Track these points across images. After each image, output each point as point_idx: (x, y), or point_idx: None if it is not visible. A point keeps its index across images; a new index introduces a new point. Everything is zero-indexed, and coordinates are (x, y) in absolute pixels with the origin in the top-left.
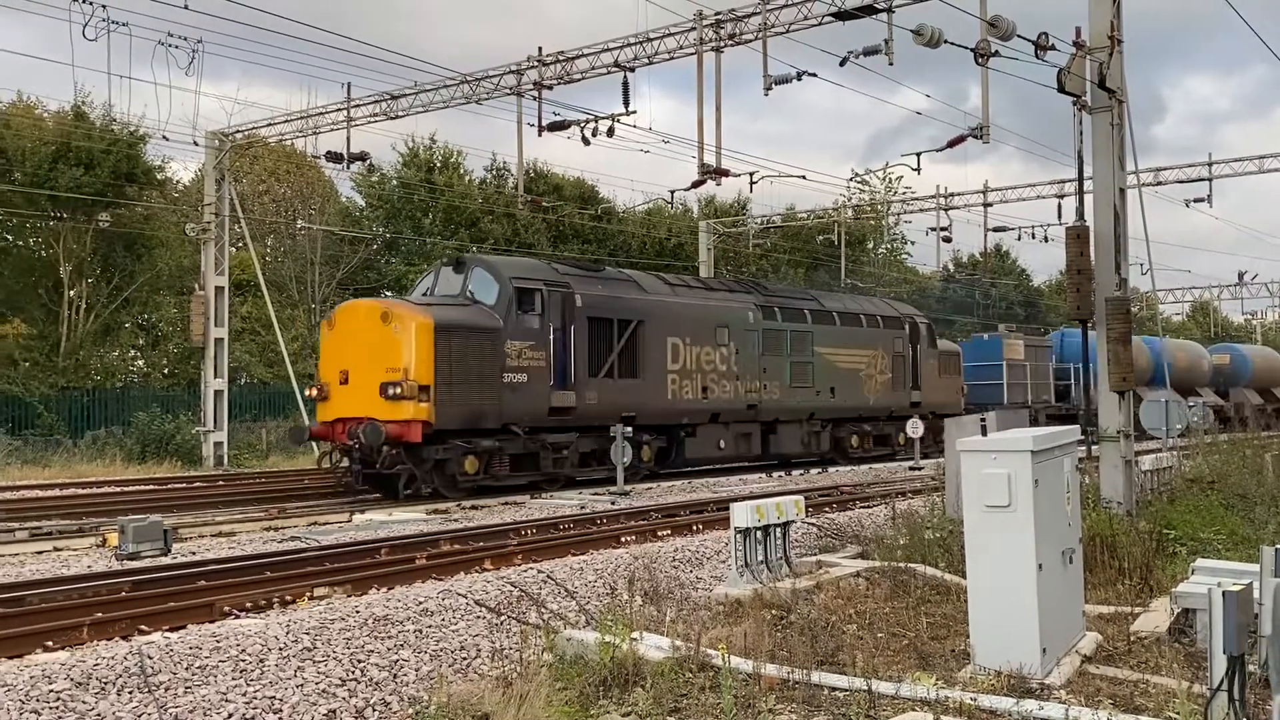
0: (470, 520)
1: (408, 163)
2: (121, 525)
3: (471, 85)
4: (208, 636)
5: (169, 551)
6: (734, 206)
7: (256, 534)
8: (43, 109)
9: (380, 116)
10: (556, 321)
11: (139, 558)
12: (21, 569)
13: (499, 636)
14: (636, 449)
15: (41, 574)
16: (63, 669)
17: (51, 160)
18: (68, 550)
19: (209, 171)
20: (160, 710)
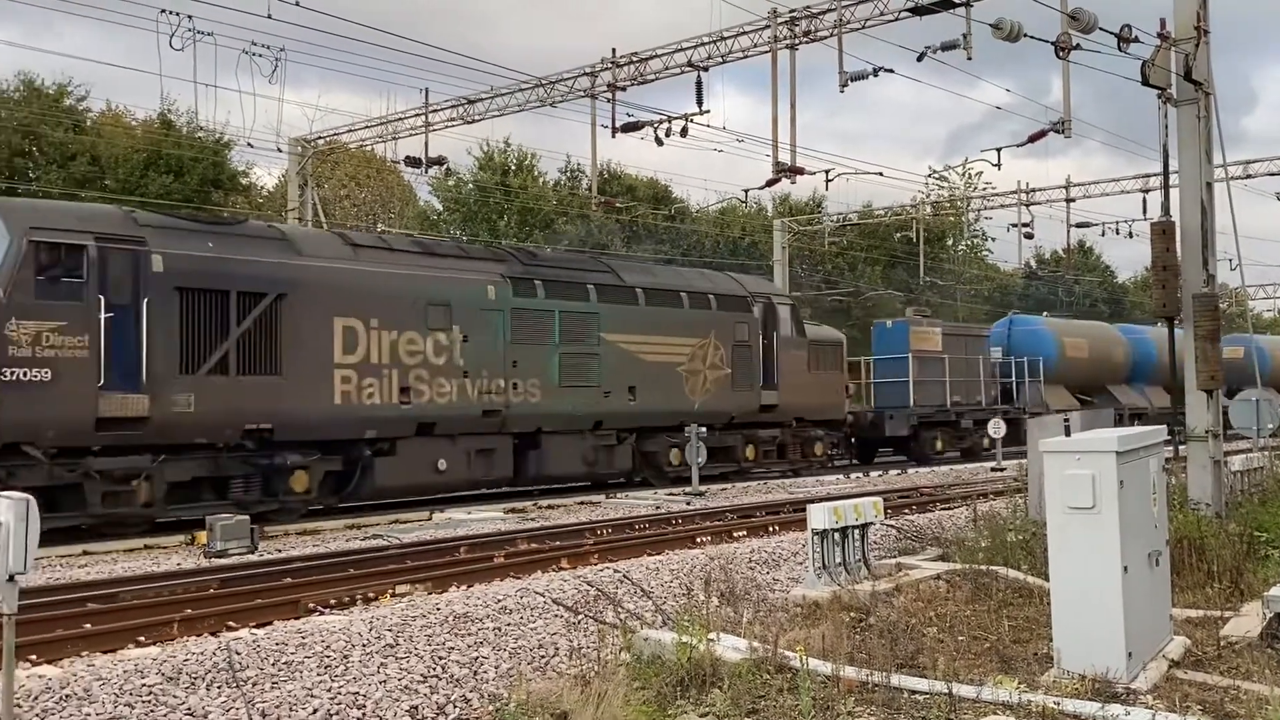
0: (546, 520)
1: (483, 166)
2: (210, 524)
3: (546, 88)
4: (293, 633)
5: (255, 549)
6: (809, 204)
7: (340, 532)
8: (132, 117)
9: (457, 121)
10: (116, 292)
11: (226, 555)
12: (114, 566)
13: (576, 635)
14: (278, 474)
15: (133, 571)
16: (154, 664)
17: (142, 167)
18: (158, 548)
19: (292, 177)
20: (248, 705)
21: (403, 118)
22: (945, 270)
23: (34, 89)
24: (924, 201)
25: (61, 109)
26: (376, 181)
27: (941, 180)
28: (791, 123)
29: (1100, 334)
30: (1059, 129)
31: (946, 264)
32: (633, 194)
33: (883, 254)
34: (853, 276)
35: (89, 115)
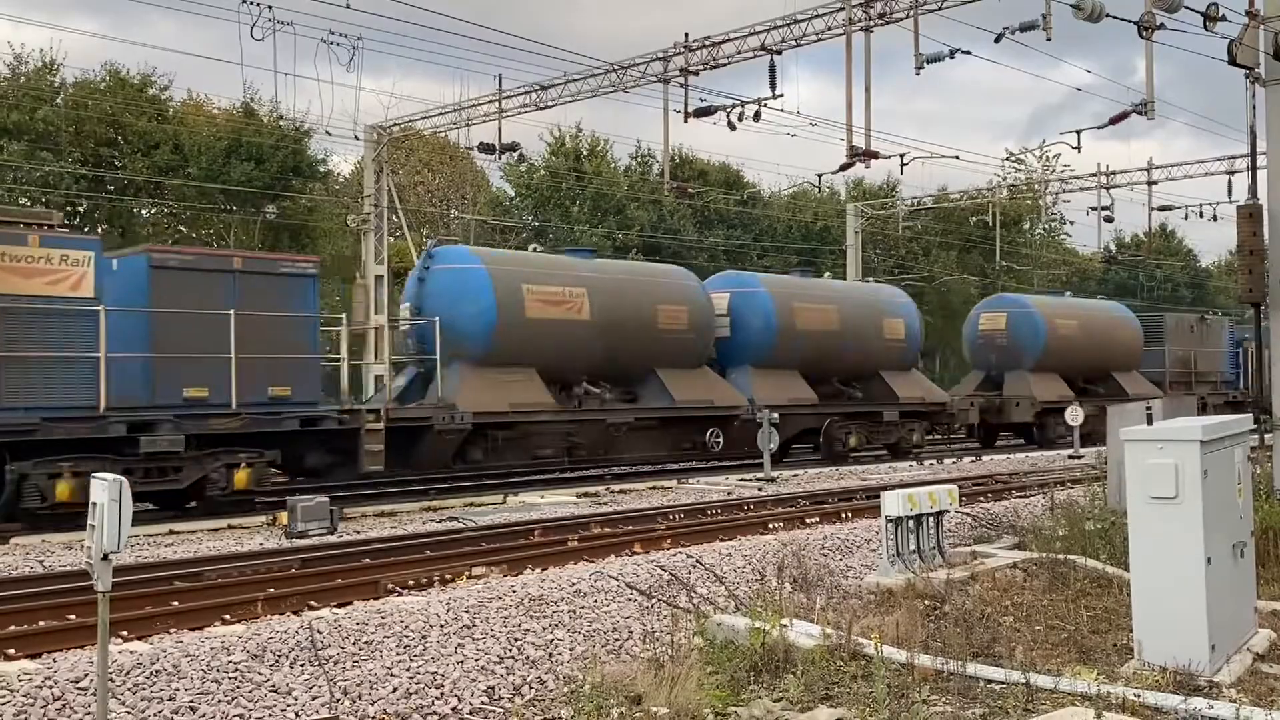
0: (619, 504)
1: (555, 151)
2: (291, 505)
3: (619, 74)
4: (373, 613)
5: (335, 530)
6: (883, 189)
7: (416, 514)
8: (214, 106)
9: (530, 107)
10: None
11: (307, 536)
12: (199, 545)
13: (649, 619)
14: None
15: (217, 551)
16: (240, 641)
17: (224, 156)
18: (240, 528)
19: (368, 164)
20: (330, 683)
21: (476, 104)
22: (1022, 255)
23: (120, 79)
24: (1000, 185)
25: (146, 99)
26: (449, 168)
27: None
28: (866, 106)
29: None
30: (1141, 110)
31: (1023, 248)
32: (705, 179)
33: (958, 238)
34: (927, 261)
35: (172, 105)
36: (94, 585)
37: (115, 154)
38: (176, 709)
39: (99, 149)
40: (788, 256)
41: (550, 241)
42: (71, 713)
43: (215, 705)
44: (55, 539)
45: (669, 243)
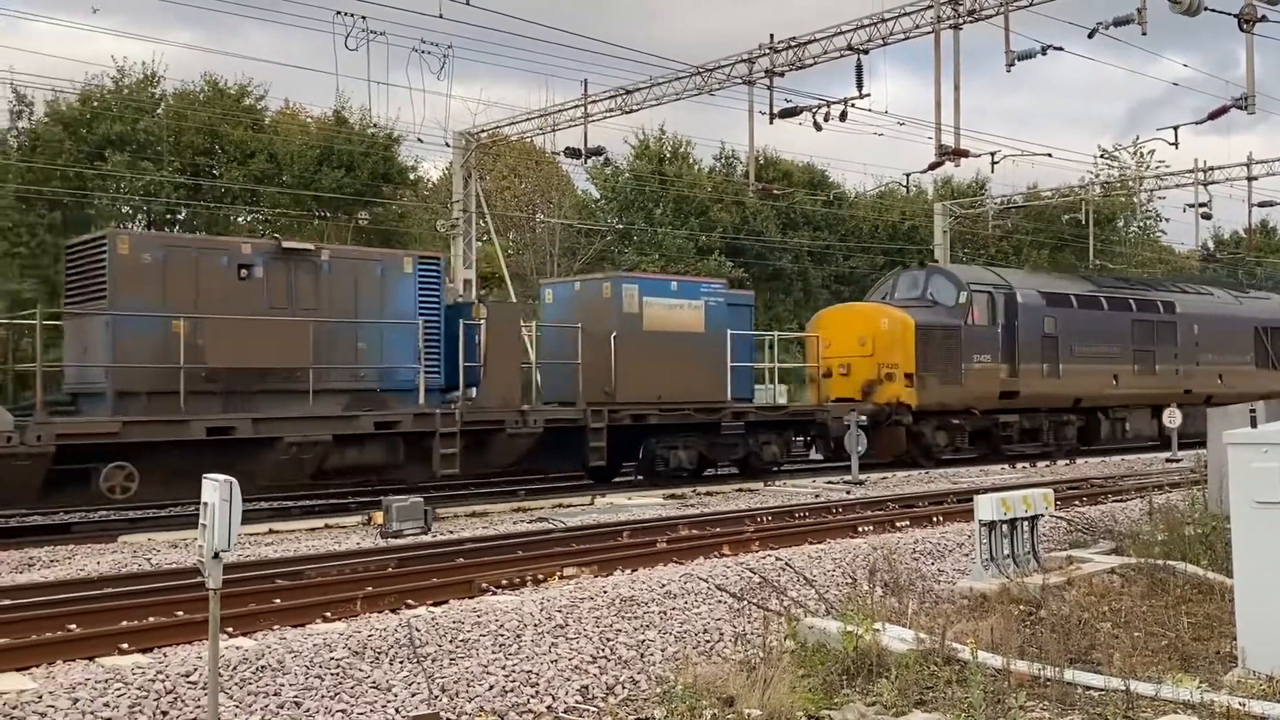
0: (706, 506)
1: (639, 154)
2: (386, 505)
3: (703, 76)
4: (469, 611)
5: (429, 530)
6: (972, 187)
7: (507, 514)
8: (307, 115)
9: (615, 111)
10: None
11: (402, 535)
12: (299, 544)
13: (740, 621)
14: None
15: (316, 550)
16: (340, 638)
17: (316, 163)
18: (338, 528)
19: (457, 170)
20: (428, 680)
21: (562, 109)
22: (1115, 253)
23: (218, 90)
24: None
25: (242, 109)
26: (535, 173)
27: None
28: (955, 104)
29: None
30: (1242, 105)
31: (1117, 246)
32: (789, 180)
33: (1049, 237)
34: (1018, 260)
35: (267, 114)
36: (205, 582)
37: (212, 163)
38: (282, 704)
39: (197, 158)
40: (874, 257)
41: (634, 245)
42: (182, 706)
43: (319, 701)
44: (160, 537)
45: (752, 244)
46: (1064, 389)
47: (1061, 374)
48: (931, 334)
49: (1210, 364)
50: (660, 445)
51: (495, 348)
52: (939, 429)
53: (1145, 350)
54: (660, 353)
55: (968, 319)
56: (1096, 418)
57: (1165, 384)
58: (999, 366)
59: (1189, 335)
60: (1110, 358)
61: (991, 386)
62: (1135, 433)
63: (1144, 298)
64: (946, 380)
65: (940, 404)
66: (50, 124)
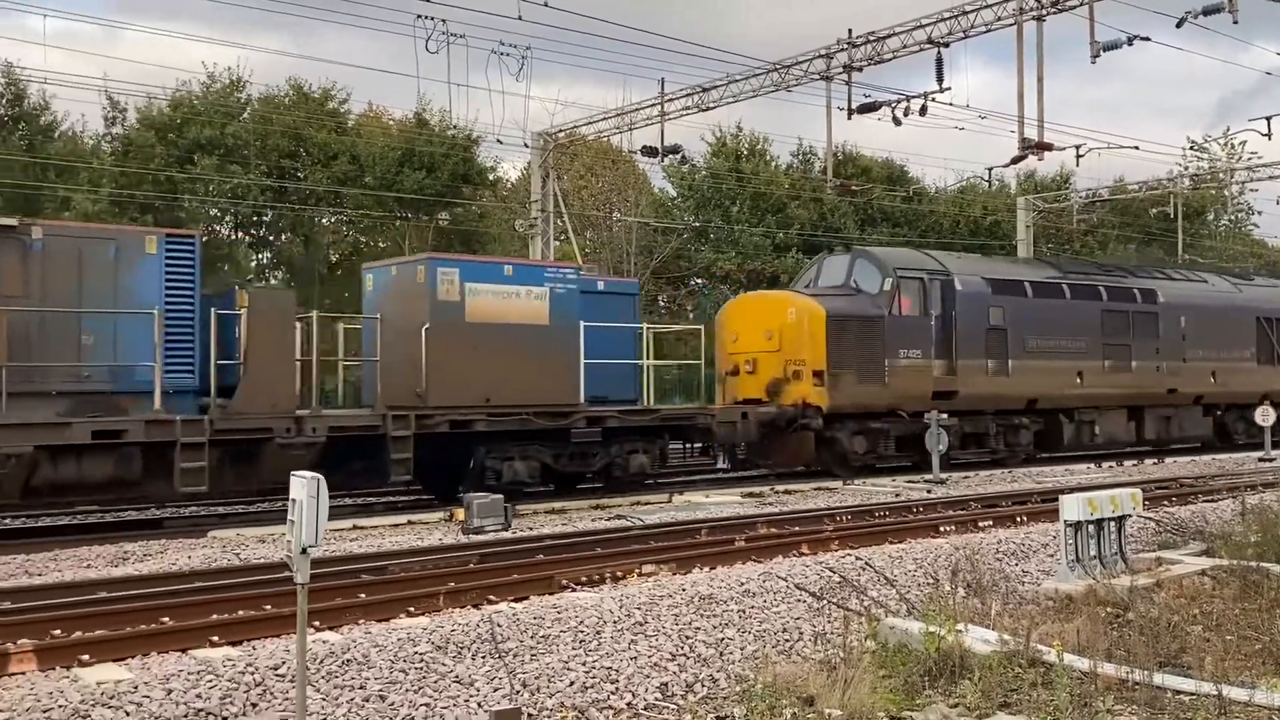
0: (784, 504)
1: (716, 152)
2: (467, 501)
3: (781, 73)
4: (549, 608)
5: (509, 527)
6: (1055, 181)
7: (585, 512)
8: (389, 118)
9: (692, 109)
10: None
11: (483, 532)
12: (382, 541)
13: (820, 621)
14: None
15: (399, 545)
16: (424, 633)
17: (398, 165)
18: (420, 524)
19: (535, 170)
20: (510, 675)
21: (639, 108)
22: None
23: (302, 94)
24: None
25: (326, 112)
26: (612, 171)
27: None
28: (1038, 96)
29: None
30: None
31: (1206, 240)
32: (868, 175)
33: (1136, 231)
34: (1103, 255)
35: (350, 117)
36: (293, 577)
37: (297, 165)
38: (367, 697)
39: (282, 161)
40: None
41: (711, 242)
42: (271, 698)
43: (403, 694)
44: (249, 533)
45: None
46: (1015, 388)
47: (1011, 371)
48: (847, 326)
49: (1201, 359)
50: (491, 456)
51: (260, 343)
52: (857, 434)
53: (1118, 344)
54: (489, 348)
55: (892, 309)
56: (1057, 420)
57: (1143, 382)
58: (932, 363)
59: (1174, 327)
60: (1073, 353)
61: (922, 386)
62: (1107, 437)
63: (1118, 285)
64: (866, 378)
65: (858, 405)
66: (142, 129)
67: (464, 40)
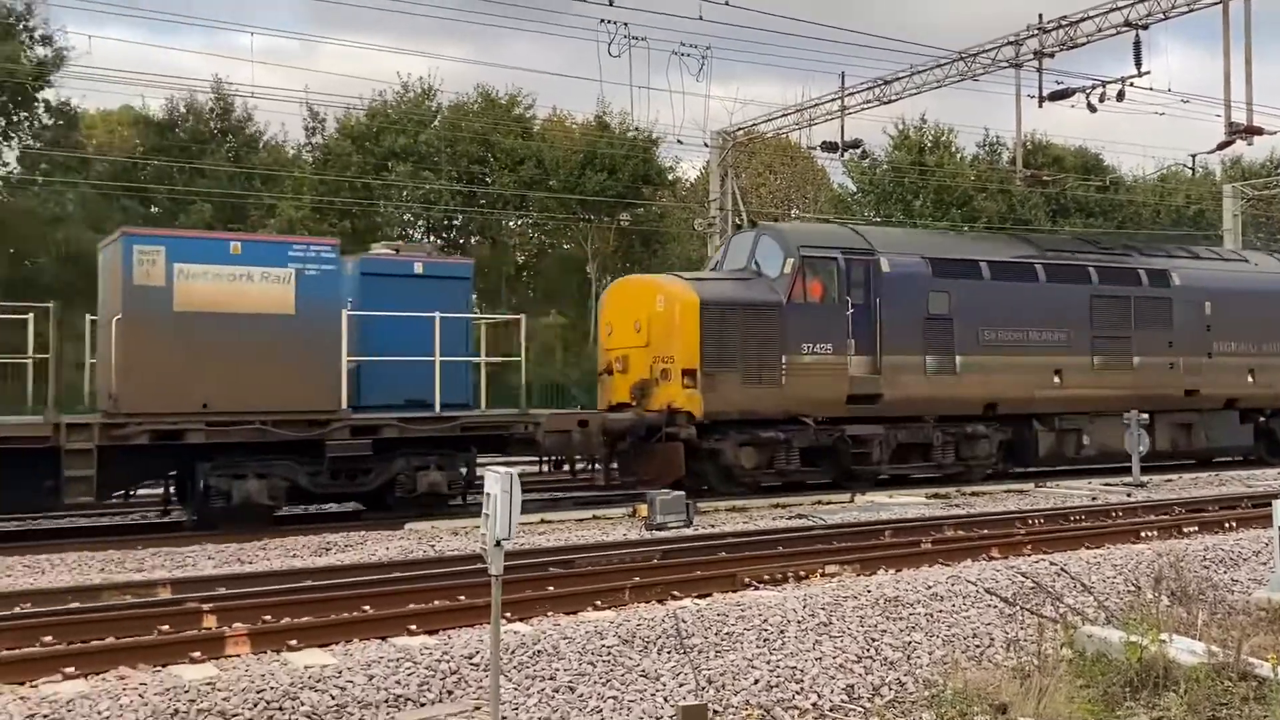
0: (972, 506)
1: (898, 145)
2: (650, 498)
3: (966, 62)
4: (732, 605)
5: (691, 524)
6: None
7: (766, 511)
8: (571, 121)
9: (873, 102)
10: None
11: (665, 528)
12: (569, 535)
13: (1012, 627)
14: None
15: (585, 540)
16: (611, 626)
17: (580, 168)
18: (604, 519)
19: (714, 169)
20: (695, 671)
21: (818, 103)
22: None
23: (490, 100)
24: None
25: (512, 118)
26: (790, 168)
27: None
28: (1247, 78)
29: None
30: None
31: None
32: (1059, 165)
33: None
34: None
35: (535, 122)
36: (488, 569)
37: (485, 170)
38: (557, 688)
39: (471, 166)
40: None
41: None
42: (466, 686)
43: (592, 686)
44: (443, 525)
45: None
46: (964, 390)
47: (960, 369)
48: (729, 315)
49: (1234, 354)
50: (219, 473)
51: None
52: (745, 446)
53: (1114, 336)
54: (207, 343)
55: (793, 294)
56: (1029, 428)
57: (1149, 382)
58: (847, 360)
59: (1195, 315)
60: (1049, 346)
61: (834, 387)
62: (1100, 448)
63: (1114, 265)
64: (755, 379)
65: (746, 411)
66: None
67: (645, 43)
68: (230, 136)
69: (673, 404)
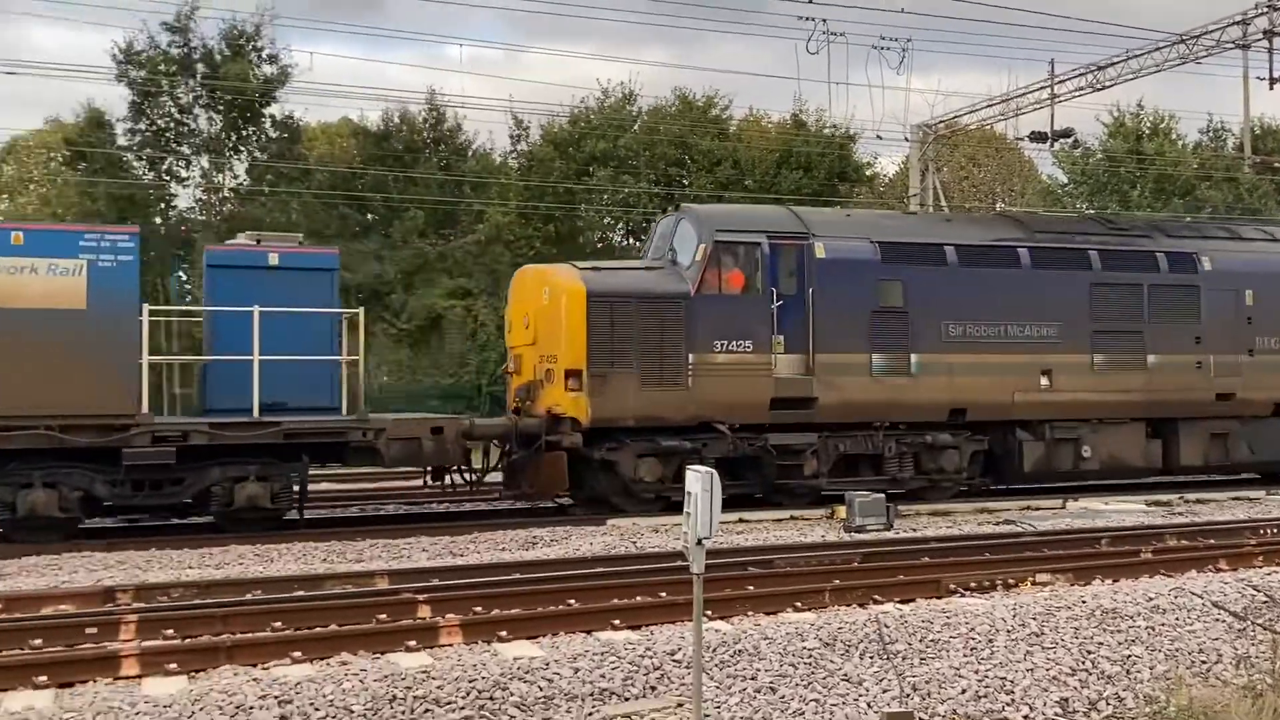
0: (1196, 515)
1: (1113, 133)
2: (849, 500)
3: (1188, 44)
4: (937, 612)
5: (891, 527)
6: None
7: (970, 515)
8: (767, 121)
9: (1085, 89)
10: None
11: (865, 531)
12: (767, 535)
13: (1242, 643)
14: None
15: (783, 540)
16: (812, 629)
17: (776, 166)
18: (802, 520)
19: (913, 163)
20: (899, 678)
21: (1026, 92)
22: None
23: (686, 103)
24: None
25: (709, 119)
26: (995, 160)
27: None
28: None
29: None
30: None
31: None
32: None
33: None
34: None
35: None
36: (689, 567)
37: (683, 173)
38: (759, 688)
39: (669, 169)
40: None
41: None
42: (669, 682)
43: (793, 688)
44: (644, 522)
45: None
46: (923, 393)
47: (916, 369)
48: (621, 309)
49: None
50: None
51: None
52: (646, 456)
53: (1121, 331)
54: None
55: (703, 285)
56: (1011, 438)
57: (1168, 384)
58: (772, 359)
59: (1231, 306)
60: (1035, 343)
61: (755, 390)
62: (1105, 461)
63: (1122, 248)
64: (655, 380)
65: (644, 417)
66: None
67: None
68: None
69: (554, 408)
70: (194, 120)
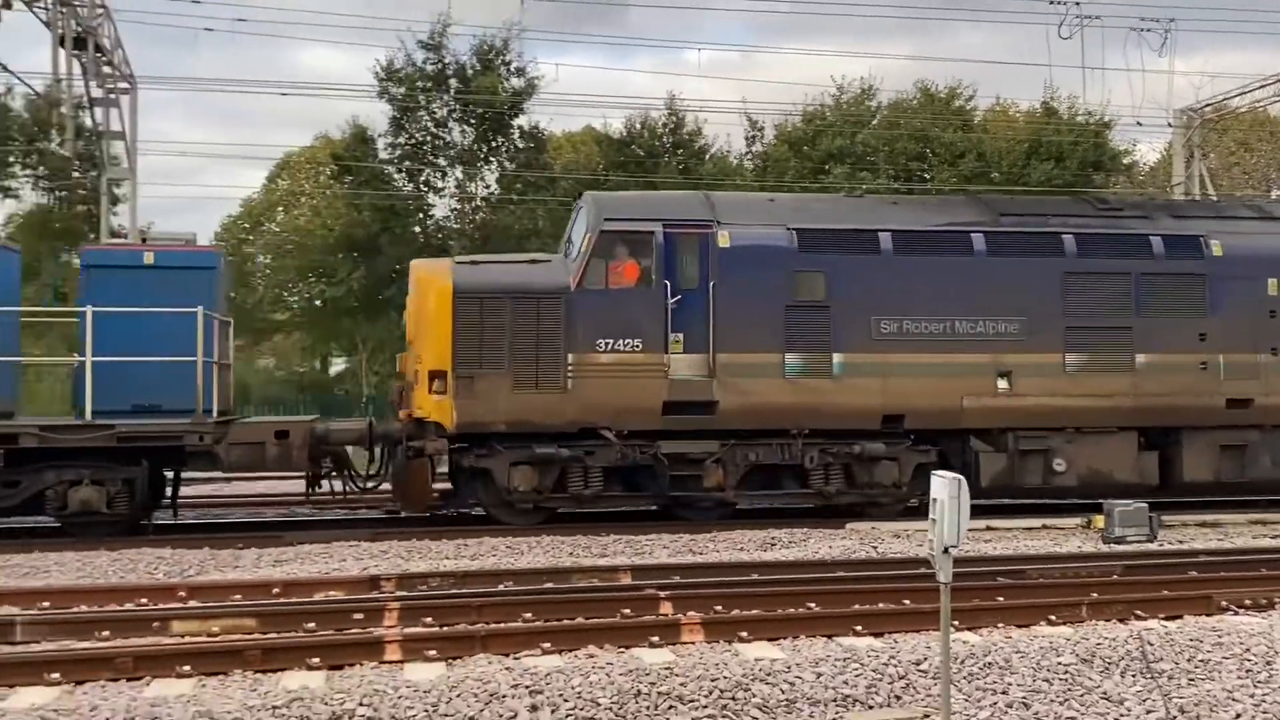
0: None
1: None
2: (1108, 509)
3: None
4: (1207, 630)
5: (1154, 538)
6: None
7: (1243, 527)
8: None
9: None
10: None
11: (1125, 542)
12: (1017, 544)
13: None
14: None
15: (1035, 550)
16: (1067, 644)
17: (1025, 158)
18: (1055, 529)
19: (1177, 150)
20: (1164, 698)
21: None
22: None
23: (928, 95)
24: None
25: (952, 111)
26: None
27: None
28: None
29: None
30: None
31: None
32: None
33: None
34: None
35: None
36: (936, 575)
37: (924, 167)
38: (1010, 703)
39: (909, 164)
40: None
41: None
42: (914, 692)
43: (1047, 705)
44: (884, 527)
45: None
46: (849, 397)
47: (841, 370)
48: (491, 306)
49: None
50: None
51: None
52: (520, 464)
53: (1100, 327)
54: None
55: (585, 278)
56: (965, 449)
57: (1162, 388)
58: (666, 359)
59: (1248, 298)
60: (990, 340)
61: (645, 393)
62: (1082, 475)
63: (1104, 231)
64: (529, 383)
65: (515, 422)
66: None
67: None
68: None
69: (416, 412)
70: (448, 133)
